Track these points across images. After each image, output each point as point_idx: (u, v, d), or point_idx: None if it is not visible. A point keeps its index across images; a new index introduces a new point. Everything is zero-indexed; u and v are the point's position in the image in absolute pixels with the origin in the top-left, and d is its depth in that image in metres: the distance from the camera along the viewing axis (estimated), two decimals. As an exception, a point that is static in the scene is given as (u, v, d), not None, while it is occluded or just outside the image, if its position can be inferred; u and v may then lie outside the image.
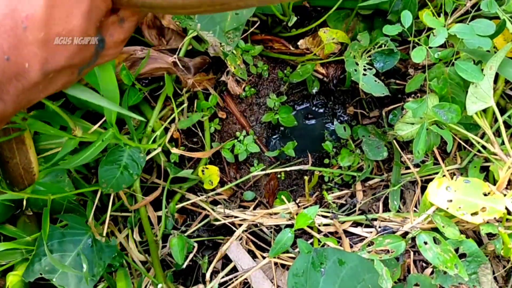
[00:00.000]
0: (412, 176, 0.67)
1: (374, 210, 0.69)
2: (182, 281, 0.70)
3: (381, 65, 0.65)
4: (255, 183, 0.78)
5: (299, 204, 0.70)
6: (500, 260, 0.62)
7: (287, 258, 0.65)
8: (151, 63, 0.66)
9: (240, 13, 0.56)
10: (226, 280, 0.66)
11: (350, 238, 0.67)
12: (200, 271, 0.69)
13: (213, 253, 0.71)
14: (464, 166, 0.66)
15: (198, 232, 0.71)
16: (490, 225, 0.54)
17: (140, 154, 0.60)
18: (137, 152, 0.60)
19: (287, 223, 0.67)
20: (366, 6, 0.68)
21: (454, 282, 0.56)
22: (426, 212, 0.59)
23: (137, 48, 0.65)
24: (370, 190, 0.72)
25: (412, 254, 0.64)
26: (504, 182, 0.55)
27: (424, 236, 0.56)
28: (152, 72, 0.67)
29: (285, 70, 0.77)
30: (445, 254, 0.54)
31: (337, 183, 0.74)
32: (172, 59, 0.65)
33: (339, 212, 0.69)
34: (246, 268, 0.66)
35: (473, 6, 0.57)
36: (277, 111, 0.76)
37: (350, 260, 0.50)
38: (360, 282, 0.48)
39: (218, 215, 0.70)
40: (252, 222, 0.69)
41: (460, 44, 0.57)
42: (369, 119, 0.78)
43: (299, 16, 0.77)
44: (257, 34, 0.75)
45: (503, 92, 0.67)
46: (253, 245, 0.69)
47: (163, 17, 0.72)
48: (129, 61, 0.65)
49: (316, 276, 0.49)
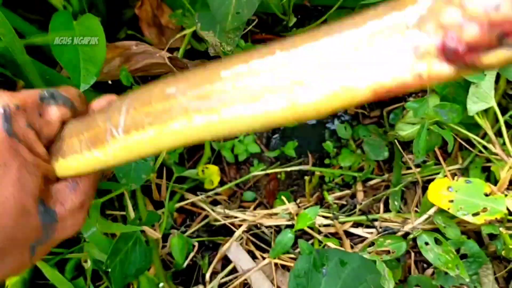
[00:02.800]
0: (413, 177, 0.67)
1: (375, 211, 0.69)
2: (182, 282, 0.70)
3: (382, 65, 0.65)
4: (255, 183, 0.77)
5: (300, 204, 0.70)
6: (501, 260, 0.62)
7: (288, 258, 0.65)
8: (147, 58, 0.65)
9: (241, 12, 0.56)
10: (226, 281, 0.66)
11: (350, 238, 0.66)
12: (200, 271, 0.69)
13: (213, 253, 0.70)
14: (465, 166, 0.65)
15: (198, 233, 0.71)
16: (491, 226, 0.54)
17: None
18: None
19: (288, 223, 0.67)
20: (367, 5, 0.68)
21: (455, 283, 0.56)
22: (427, 212, 0.59)
23: (132, 43, 0.65)
24: (371, 190, 0.72)
25: (413, 255, 0.64)
26: (506, 183, 0.55)
27: (425, 236, 0.55)
28: (148, 68, 0.66)
29: (286, 69, 0.77)
30: (446, 255, 0.53)
31: (337, 184, 0.74)
32: (168, 54, 0.64)
33: (340, 212, 0.69)
34: (246, 269, 0.65)
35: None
36: (277, 111, 0.76)
37: (352, 261, 0.50)
38: (362, 283, 0.48)
39: (218, 216, 0.69)
40: (252, 222, 0.69)
41: (461, 44, 0.57)
42: (370, 119, 0.78)
43: (299, 16, 0.77)
44: (257, 33, 0.75)
45: (504, 92, 0.67)
46: (253, 245, 0.68)
47: (162, 16, 0.72)
48: (123, 56, 0.64)
49: (317, 277, 0.49)
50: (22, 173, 0.24)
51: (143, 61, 0.65)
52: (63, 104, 0.28)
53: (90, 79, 0.51)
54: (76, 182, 0.28)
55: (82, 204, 0.28)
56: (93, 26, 0.54)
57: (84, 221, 0.29)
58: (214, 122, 0.20)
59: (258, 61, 0.19)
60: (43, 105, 0.27)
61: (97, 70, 0.52)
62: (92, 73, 0.51)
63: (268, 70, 0.19)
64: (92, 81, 0.51)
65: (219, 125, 0.20)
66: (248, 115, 0.19)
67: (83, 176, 0.28)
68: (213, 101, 0.20)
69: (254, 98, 0.19)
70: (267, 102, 0.19)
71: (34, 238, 0.25)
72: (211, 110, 0.20)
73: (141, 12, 0.71)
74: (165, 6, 0.71)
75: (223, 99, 0.20)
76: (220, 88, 0.20)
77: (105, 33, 0.74)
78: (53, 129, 0.27)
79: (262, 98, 0.19)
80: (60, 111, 0.27)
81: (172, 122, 0.21)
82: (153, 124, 0.22)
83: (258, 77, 0.19)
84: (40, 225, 0.25)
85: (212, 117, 0.20)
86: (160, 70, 0.67)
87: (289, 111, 0.19)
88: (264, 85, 0.19)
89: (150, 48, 0.65)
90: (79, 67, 0.51)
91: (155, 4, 0.71)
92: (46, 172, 0.27)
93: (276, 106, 0.19)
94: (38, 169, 0.26)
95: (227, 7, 0.56)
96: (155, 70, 0.67)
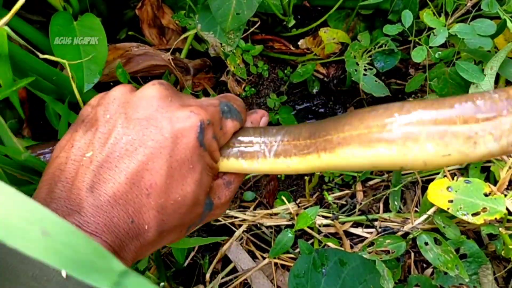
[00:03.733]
0: (413, 177, 0.67)
1: (374, 211, 0.69)
2: (182, 281, 0.70)
3: (381, 65, 0.65)
4: (255, 183, 0.78)
5: (300, 204, 0.70)
6: (501, 260, 0.62)
7: (287, 258, 0.65)
8: (148, 60, 0.65)
9: (241, 13, 0.56)
10: (226, 281, 0.66)
11: (350, 238, 0.66)
12: (201, 271, 0.69)
13: (213, 253, 0.71)
14: (464, 166, 0.65)
15: (198, 233, 0.71)
16: (491, 226, 0.54)
17: None
18: None
19: (288, 223, 0.67)
20: (366, 6, 0.68)
21: (455, 283, 0.56)
22: (427, 212, 0.59)
23: (133, 44, 0.65)
24: (370, 190, 0.72)
25: (413, 255, 0.64)
26: (505, 183, 0.55)
27: (425, 236, 0.55)
28: (149, 69, 0.66)
29: (286, 70, 0.77)
30: (445, 255, 0.53)
31: (337, 184, 0.74)
32: (169, 56, 0.64)
33: (340, 212, 0.69)
34: (246, 269, 0.66)
35: (474, 6, 0.57)
36: (277, 111, 0.76)
37: (351, 261, 0.50)
38: (362, 282, 0.48)
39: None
40: (252, 222, 0.69)
41: (461, 44, 0.57)
42: (370, 119, 0.78)
43: (299, 16, 0.77)
44: (258, 33, 0.75)
45: (504, 92, 0.67)
46: (253, 245, 0.69)
47: (163, 17, 0.72)
48: (125, 58, 0.64)
49: (317, 277, 0.49)
50: (203, 175, 0.30)
51: (144, 62, 0.65)
52: (236, 118, 0.34)
53: (93, 78, 0.51)
54: (230, 181, 0.34)
55: (230, 198, 0.35)
56: (93, 26, 0.55)
57: (225, 211, 0.35)
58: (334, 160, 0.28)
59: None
60: (223, 119, 0.33)
61: (100, 69, 0.51)
62: (95, 72, 0.51)
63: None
64: (96, 80, 0.51)
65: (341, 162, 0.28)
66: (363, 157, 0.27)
67: (235, 177, 0.35)
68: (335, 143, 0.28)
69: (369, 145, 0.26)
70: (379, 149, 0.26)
71: (194, 222, 0.32)
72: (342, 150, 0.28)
73: (142, 12, 0.71)
74: (165, 7, 0.72)
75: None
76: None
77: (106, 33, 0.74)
78: (227, 139, 0.33)
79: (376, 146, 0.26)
80: (234, 125, 0.33)
81: (310, 155, 0.29)
82: (297, 155, 0.30)
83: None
84: (201, 212, 0.32)
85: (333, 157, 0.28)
86: (161, 71, 0.68)
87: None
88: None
89: (151, 50, 0.65)
90: (82, 67, 0.50)
91: (155, 4, 0.71)
92: (216, 173, 0.33)
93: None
94: (212, 172, 0.32)
95: (227, 8, 0.56)
96: (156, 71, 0.67)
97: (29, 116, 0.71)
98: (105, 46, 0.53)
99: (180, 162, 0.28)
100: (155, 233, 0.28)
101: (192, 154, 0.29)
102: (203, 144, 0.30)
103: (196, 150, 0.29)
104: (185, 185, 0.29)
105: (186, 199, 0.29)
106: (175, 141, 0.28)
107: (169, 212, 0.28)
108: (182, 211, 0.29)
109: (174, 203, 0.28)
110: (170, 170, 0.28)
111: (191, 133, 0.29)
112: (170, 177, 0.28)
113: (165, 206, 0.28)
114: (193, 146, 0.29)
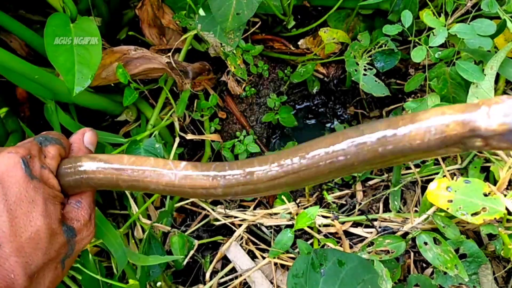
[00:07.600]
0: (413, 177, 0.67)
1: (374, 211, 0.69)
2: (182, 281, 0.70)
3: (381, 65, 0.65)
4: (255, 183, 0.77)
5: (299, 204, 0.70)
6: (500, 260, 0.62)
7: (287, 258, 0.65)
8: (145, 63, 0.65)
9: (241, 13, 0.56)
10: (226, 280, 0.66)
11: (350, 238, 0.66)
12: (200, 271, 0.69)
13: (213, 253, 0.71)
14: (464, 166, 0.65)
15: (198, 232, 0.71)
16: (490, 226, 0.54)
17: (156, 145, 0.61)
18: (153, 144, 0.62)
19: (287, 223, 0.67)
20: (366, 6, 0.68)
21: (455, 283, 0.56)
22: (427, 212, 0.59)
23: (131, 47, 0.65)
24: (370, 190, 0.72)
25: (412, 255, 0.64)
26: (505, 183, 0.55)
27: (424, 236, 0.55)
28: (147, 72, 0.66)
29: (286, 70, 0.77)
30: (445, 255, 0.53)
31: (337, 183, 0.74)
32: (166, 59, 0.64)
33: (339, 212, 0.69)
34: (245, 269, 0.66)
35: (474, 6, 0.57)
36: (278, 111, 0.76)
37: (350, 261, 0.50)
38: (360, 282, 0.48)
39: (218, 215, 0.69)
40: (252, 222, 0.69)
41: (460, 44, 0.57)
42: (370, 119, 0.78)
43: (299, 16, 0.77)
44: (258, 33, 0.75)
45: (504, 92, 0.67)
46: (253, 245, 0.69)
47: (163, 17, 0.72)
48: (122, 61, 0.64)
49: (316, 277, 0.49)
50: (47, 205, 0.31)
51: (141, 65, 0.65)
52: (55, 142, 0.35)
53: (84, 82, 0.50)
54: (79, 200, 0.35)
55: (90, 217, 0.35)
56: (90, 29, 0.54)
57: (95, 229, 0.36)
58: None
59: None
60: (43, 147, 0.34)
61: (93, 73, 0.50)
62: (87, 76, 0.50)
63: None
64: (87, 84, 0.50)
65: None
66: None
67: (82, 195, 0.35)
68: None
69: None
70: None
71: (63, 253, 0.32)
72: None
73: (142, 12, 0.71)
74: (166, 7, 0.72)
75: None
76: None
77: (106, 33, 0.74)
78: (57, 163, 0.34)
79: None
80: (56, 148, 0.35)
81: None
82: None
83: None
84: (65, 241, 0.32)
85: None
86: (159, 74, 0.67)
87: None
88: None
89: (149, 53, 0.65)
90: (74, 70, 0.49)
91: (155, 4, 0.71)
92: (62, 200, 0.33)
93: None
94: (56, 199, 0.32)
95: (227, 8, 0.56)
96: (155, 74, 0.67)
97: (29, 116, 0.71)
98: (100, 50, 0.53)
99: (18, 201, 0.29)
100: (24, 278, 0.28)
101: (27, 189, 0.30)
102: (33, 177, 0.31)
103: (29, 184, 0.30)
104: (33, 220, 0.29)
105: (40, 233, 0.29)
106: (4, 184, 0.29)
107: (29, 252, 0.28)
108: (42, 246, 0.29)
109: (29, 241, 0.29)
110: (11, 212, 0.28)
111: (17, 171, 0.30)
112: (13, 219, 0.28)
113: (21, 247, 0.28)
114: (24, 181, 0.30)
